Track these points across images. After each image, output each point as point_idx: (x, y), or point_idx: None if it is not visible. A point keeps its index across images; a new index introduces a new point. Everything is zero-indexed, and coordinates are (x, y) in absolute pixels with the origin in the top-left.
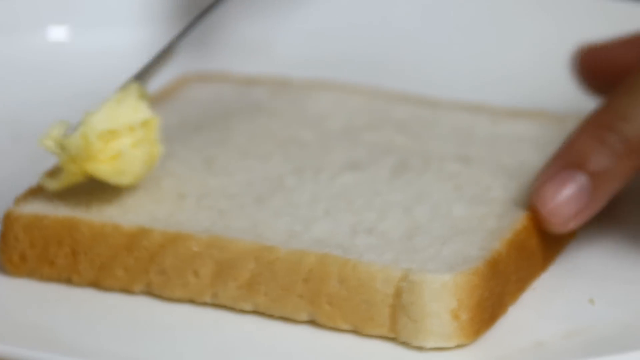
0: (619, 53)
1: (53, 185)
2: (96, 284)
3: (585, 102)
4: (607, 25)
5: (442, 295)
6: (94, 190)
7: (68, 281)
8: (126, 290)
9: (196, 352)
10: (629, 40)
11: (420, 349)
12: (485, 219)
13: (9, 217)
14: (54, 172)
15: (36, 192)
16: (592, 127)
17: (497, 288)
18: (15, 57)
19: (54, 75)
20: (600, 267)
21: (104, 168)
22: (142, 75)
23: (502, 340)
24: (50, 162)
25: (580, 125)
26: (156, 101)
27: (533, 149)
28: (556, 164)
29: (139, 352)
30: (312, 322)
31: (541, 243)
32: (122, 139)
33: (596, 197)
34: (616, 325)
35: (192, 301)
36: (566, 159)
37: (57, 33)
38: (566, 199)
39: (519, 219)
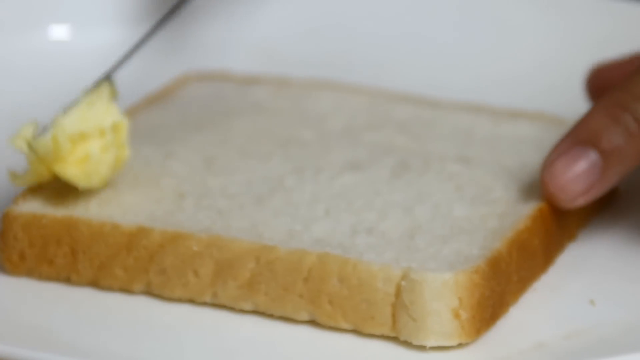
0: (627, 70)
1: (19, 182)
2: (95, 284)
3: (586, 104)
4: (609, 26)
5: (443, 293)
6: (93, 189)
7: (67, 280)
8: (125, 290)
9: (196, 352)
10: (637, 57)
11: (421, 348)
12: (487, 219)
13: (7, 216)
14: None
15: (35, 191)
16: (607, 106)
17: (498, 287)
18: (17, 56)
19: (55, 74)
20: (600, 267)
21: (71, 170)
22: (112, 73)
23: (503, 341)
24: None
25: (595, 103)
26: (156, 100)
27: (534, 150)
28: (569, 140)
29: (139, 352)
30: (313, 322)
31: (543, 243)
32: (92, 142)
33: (606, 175)
34: (617, 326)
35: (192, 301)
36: (579, 136)
37: (59, 32)
38: (576, 175)
39: (520, 219)
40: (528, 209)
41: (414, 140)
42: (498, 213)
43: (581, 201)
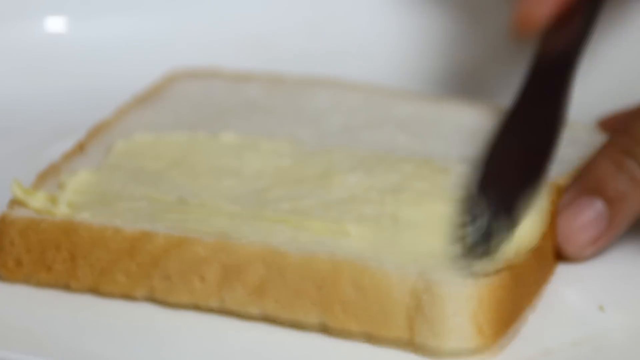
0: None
1: None
2: (95, 290)
3: (590, 107)
4: (614, 25)
5: (463, 304)
6: (93, 193)
7: (66, 287)
8: (127, 296)
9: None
10: None
11: (438, 358)
12: None
13: (3, 221)
14: None
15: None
16: (610, 153)
17: (517, 295)
18: (12, 48)
19: (51, 67)
20: (609, 273)
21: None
22: None
23: (510, 348)
24: (46, 161)
25: (599, 150)
26: (145, 100)
27: None
28: (574, 190)
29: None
30: (324, 330)
31: (552, 246)
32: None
33: (614, 223)
34: (626, 332)
35: (197, 307)
36: (584, 185)
37: (55, 24)
38: (582, 226)
39: (535, 224)
40: (537, 212)
41: (415, 139)
42: None
43: (589, 252)
